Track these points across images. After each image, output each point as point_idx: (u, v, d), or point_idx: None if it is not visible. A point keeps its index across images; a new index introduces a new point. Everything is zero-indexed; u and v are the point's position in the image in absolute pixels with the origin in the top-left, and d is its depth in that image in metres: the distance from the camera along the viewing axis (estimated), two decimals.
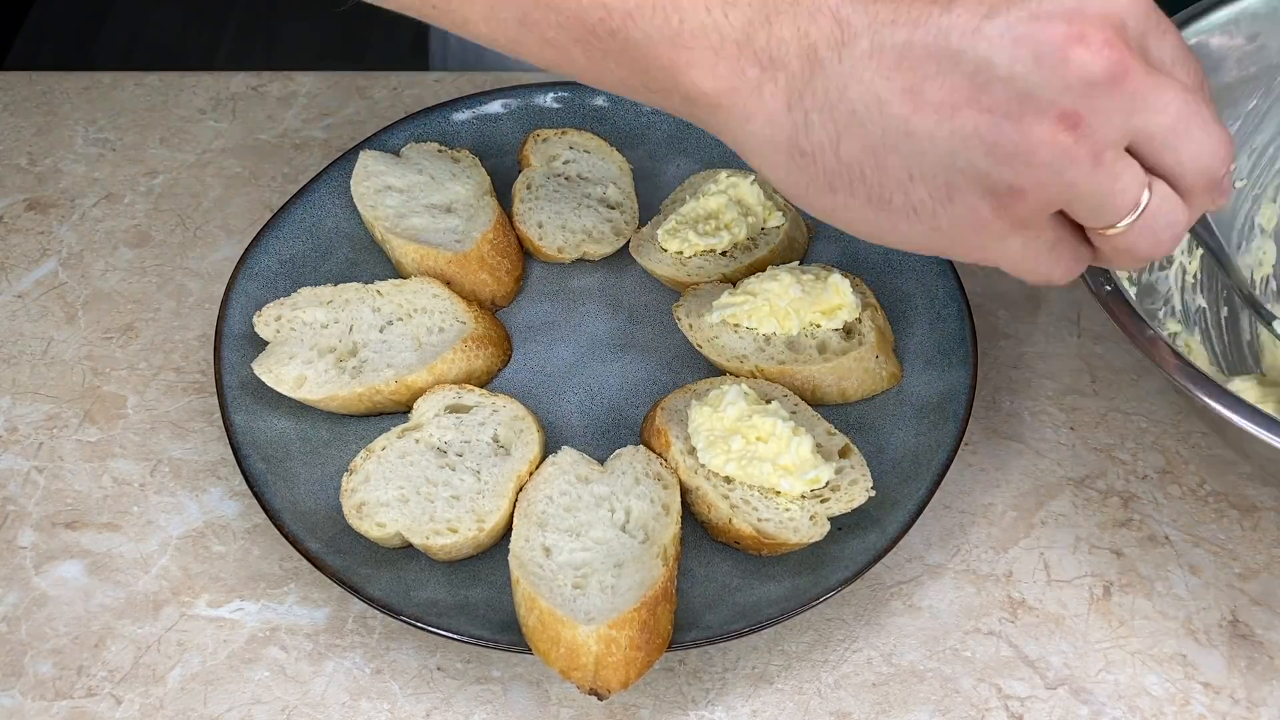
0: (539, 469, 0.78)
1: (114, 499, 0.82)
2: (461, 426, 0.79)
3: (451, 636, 0.72)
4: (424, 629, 0.72)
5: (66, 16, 2.42)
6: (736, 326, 0.83)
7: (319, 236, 0.89)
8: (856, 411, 0.82)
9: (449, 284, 0.85)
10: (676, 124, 0.94)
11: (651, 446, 0.79)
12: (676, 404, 0.80)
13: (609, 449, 0.79)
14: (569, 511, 0.76)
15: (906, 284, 0.86)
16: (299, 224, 0.89)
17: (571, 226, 0.89)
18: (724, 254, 0.87)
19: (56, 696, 0.75)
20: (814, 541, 0.74)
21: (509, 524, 0.76)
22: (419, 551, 0.76)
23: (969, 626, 0.76)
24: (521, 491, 0.77)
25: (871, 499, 0.75)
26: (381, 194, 0.89)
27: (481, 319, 0.84)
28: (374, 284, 0.85)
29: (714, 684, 0.75)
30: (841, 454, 0.78)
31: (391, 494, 0.76)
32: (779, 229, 0.88)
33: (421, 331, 0.83)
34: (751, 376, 0.82)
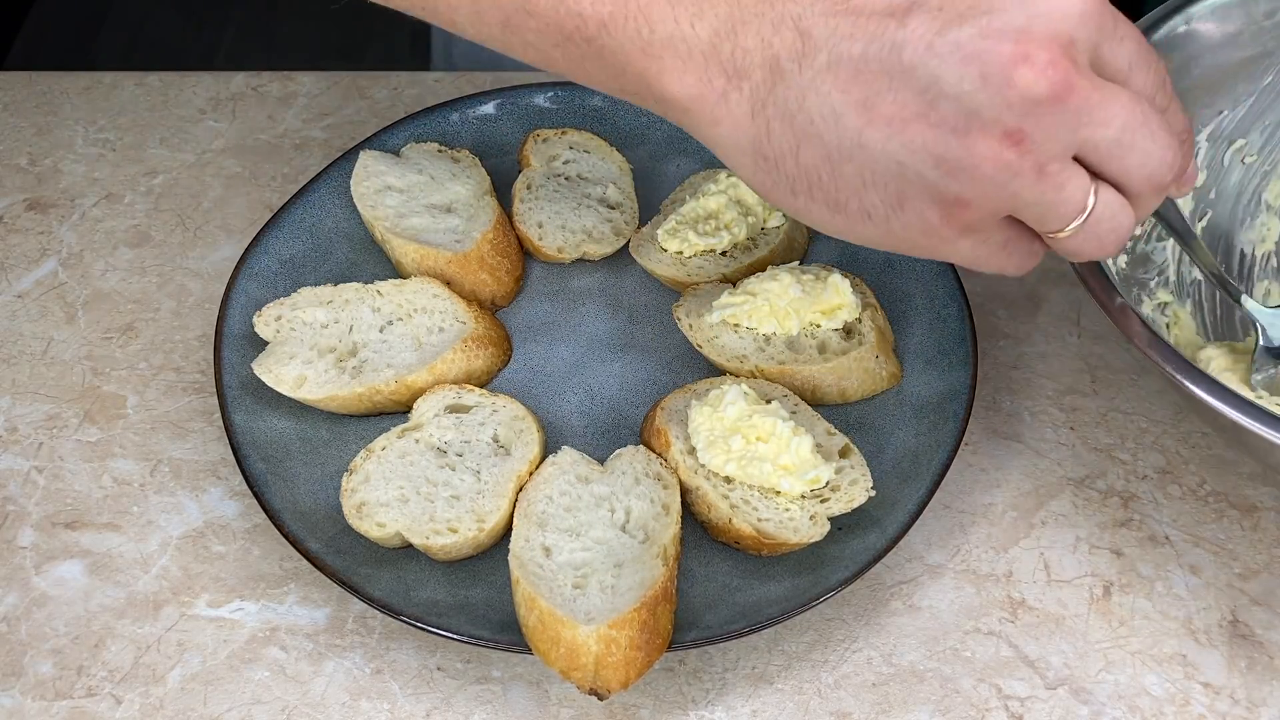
0: (539, 469, 0.78)
1: (114, 499, 0.82)
2: (461, 426, 0.79)
3: (451, 636, 0.72)
4: (424, 629, 0.72)
5: (66, 16, 2.42)
6: (736, 326, 0.83)
7: (319, 236, 0.89)
8: (856, 411, 0.82)
9: (449, 284, 0.85)
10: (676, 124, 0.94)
11: (651, 446, 0.79)
12: (676, 404, 0.80)
13: (609, 449, 0.79)
14: (569, 511, 0.76)
15: (906, 284, 0.86)
16: (299, 224, 0.89)
17: (571, 226, 0.89)
18: (724, 254, 0.87)
19: (56, 696, 0.75)
20: (814, 541, 0.74)
21: (509, 524, 0.76)
22: (419, 551, 0.76)
23: (969, 626, 0.76)
24: (521, 491, 0.77)
25: (871, 499, 0.75)
26: (381, 194, 0.89)
27: (481, 319, 0.84)
28: (374, 284, 0.85)
29: (714, 684, 0.75)
30: (841, 454, 0.78)
31: (391, 494, 0.76)
32: (779, 229, 0.88)
33: (421, 331, 0.83)
34: (751, 376, 0.82)
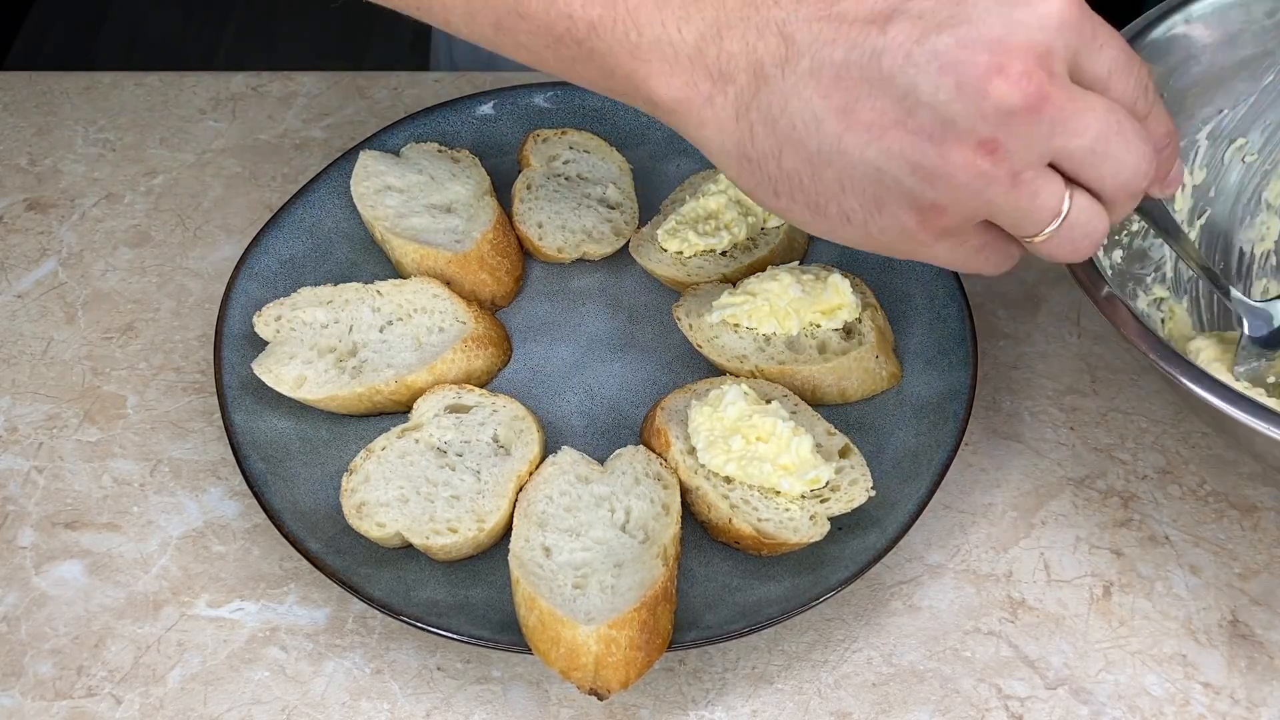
0: (539, 469, 0.78)
1: (114, 499, 0.82)
2: (461, 426, 0.79)
3: (451, 636, 0.72)
4: (424, 629, 0.72)
5: (66, 16, 2.42)
6: (736, 326, 0.83)
7: (319, 236, 0.89)
8: (856, 411, 0.82)
9: (449, 284, 0.85)
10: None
11: (651, 446, 0.79)
12: (676, 404, 0.80)
13: (609, 449, 0.79)
14: (569, 511, 0.76)
15: (906, 284, 0.86)
16: (299, 224, 0.89)
17: (571, 226, 0.89)
18: (724, 254, 0.87)
19: (56, 696, 0.75)
20: (814, 541, 0.74)
21: (509, 524, 0.76)
22: (419, 551, 0.76)
23: (969, 626, 0.76)
24: (521, 491, 0.77)
25: (871, 499, 0.75)
26: (381, 194, 0.89)
27: (481, 319, 0.84)
28: (374, 284, 0.85)
29: (714, 684, 0.75)
30: (841, 454, 0.78)
31: (391, 494, 0.76)
32: (779, 229, 0.88)
33: (421, 331, 0.83)
34: (751, 376, 0.82)
